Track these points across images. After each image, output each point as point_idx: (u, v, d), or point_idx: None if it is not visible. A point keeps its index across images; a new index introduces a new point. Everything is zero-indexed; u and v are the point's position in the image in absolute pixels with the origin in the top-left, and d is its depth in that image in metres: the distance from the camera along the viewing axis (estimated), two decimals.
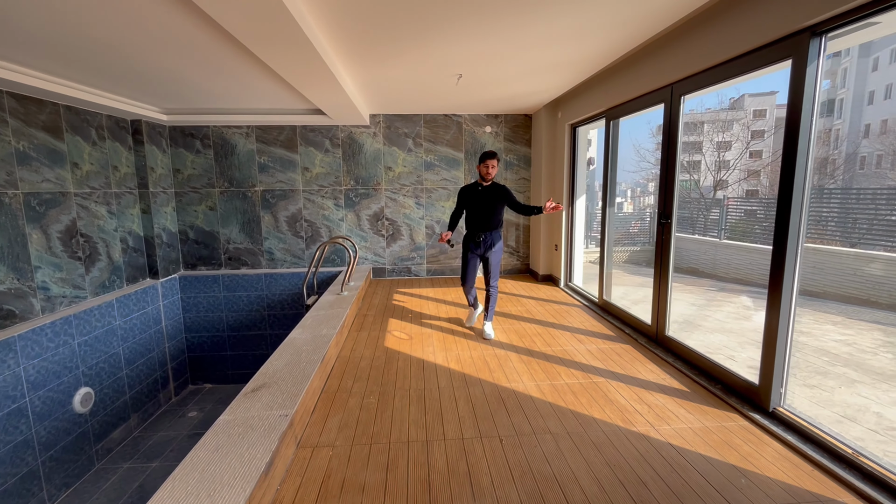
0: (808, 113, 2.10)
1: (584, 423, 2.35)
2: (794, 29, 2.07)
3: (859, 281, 6.18)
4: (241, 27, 2.38)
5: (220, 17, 2.24)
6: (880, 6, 1.78)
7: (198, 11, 2.44)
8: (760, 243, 9.01)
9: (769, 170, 23.98)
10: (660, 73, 3.16)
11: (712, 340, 4.35)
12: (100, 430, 4.35)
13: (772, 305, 2.32)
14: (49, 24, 2.61)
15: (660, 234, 3.33)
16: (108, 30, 2.72)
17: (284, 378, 2.52)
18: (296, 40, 2.59)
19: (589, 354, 3.30)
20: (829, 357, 3.87)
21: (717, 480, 1.88)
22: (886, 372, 3.61)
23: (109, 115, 4.74)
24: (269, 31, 2.44)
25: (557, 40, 3.13)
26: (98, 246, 4.56)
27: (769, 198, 21.33)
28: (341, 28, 2.85)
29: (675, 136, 3.14)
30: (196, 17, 2.52)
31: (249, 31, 2.44)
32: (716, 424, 2.32)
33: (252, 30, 2.43)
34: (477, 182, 3.75)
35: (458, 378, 2.94)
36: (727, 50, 2.51)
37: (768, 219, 10.97)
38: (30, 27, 2.65)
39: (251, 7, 2.11)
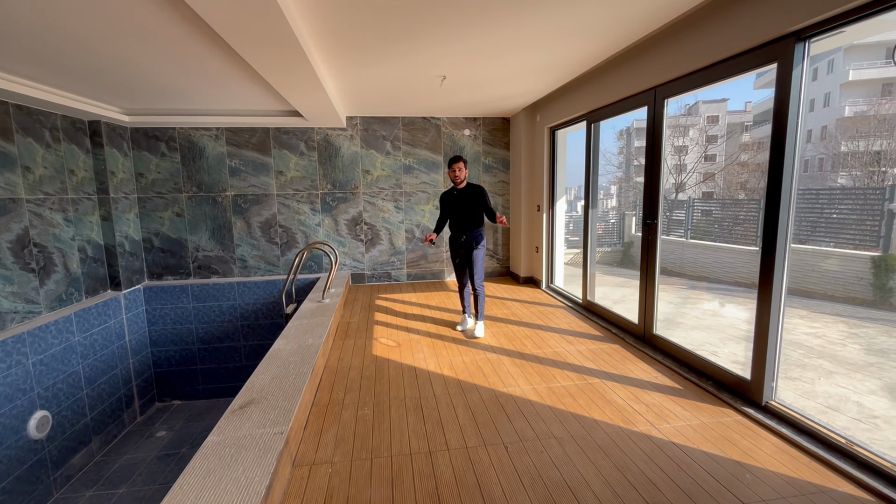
0: (794, 115, 2.17)
1: (586, 426, 2.34)
2: (780, 34, 2.14)
3: (817, 276, 6.55)
4: (226, 23, 2.24)
5: (204, 12, 2.10)
6: (862, 13, 1.86)
7: (172, 4, 2.29)
8: (721, 242, 9.42)
9: (725, 172, 25.29)
10: (643, 76, 3.22)
11: (694, 337, 4.48)
12: (58, 456, 4.00)
13: (762, 303, 2.38)
14: None
15: (646, 235, 3.39)
16: (63, 18, 2.44)
17: (274, 393, 2.38)
18: (282, 38, 2.46)
19: (580, 355, 3.30)
20: (804, 350, 4.08)
21: (723, 477, 1.90)
22: (857, 362, 3.83)
23: (65, 116, 4.41)
24: (254, 27, 2.31)
25: (542, 43, 3.13)
26: (53, 256, 4.22)
27: (725, 199, 22.40)
28: (327, 27, 2.74)
29: (659, 138, 3.20)
30: (168, 5, 2.32)
31: (234, 27, 2.30)
32: (713, 420, 2.35)
33: (237, 26, 2.29)
34: (452, 187, 3.90)
35: (453, 385, 2.87)
36: (712, 54, 2.58)
37: (726, 218, 11.52)
38: None
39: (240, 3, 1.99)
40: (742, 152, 27.47)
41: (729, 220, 11.39)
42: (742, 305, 6.19)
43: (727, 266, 8.57)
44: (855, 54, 21.95)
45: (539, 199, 5.44)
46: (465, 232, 3.85)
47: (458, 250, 3.93)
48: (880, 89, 22.66)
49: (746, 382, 2.50)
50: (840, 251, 6.55)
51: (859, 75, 23.33)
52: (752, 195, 22.52)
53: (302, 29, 2.70)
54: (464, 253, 3.90)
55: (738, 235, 9.85)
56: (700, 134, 27.79)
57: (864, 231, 6.46)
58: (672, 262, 10.14)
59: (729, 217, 11.71)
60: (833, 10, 1.90)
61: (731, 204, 15.42)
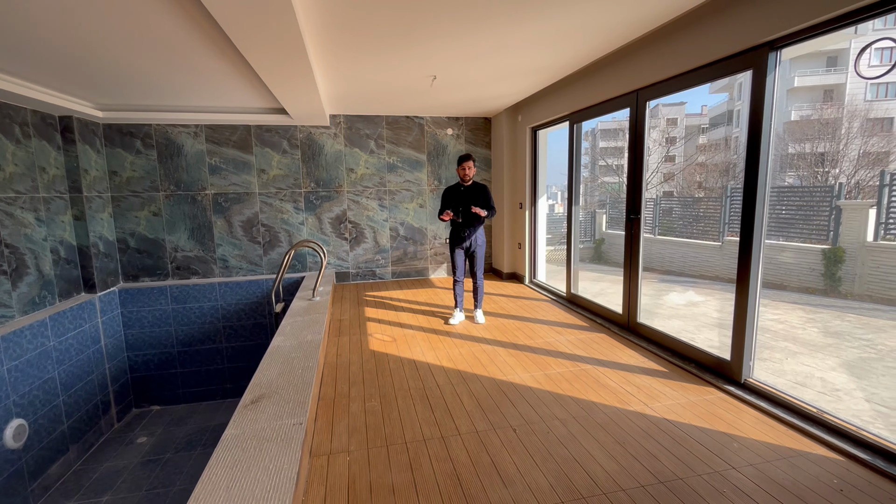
0: (768, 118, 2.39)
1: (585, 408, 2.49)
2: (756, 43, 2.36)
3: (774, 268, 7.06)
4: (232, 15, 2.22)
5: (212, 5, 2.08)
6: (830, 26, 2.09)
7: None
8: (686, 238, 9.95)
9: (684, 173, 26.54)
10: (627, 80, 3.42)
11: (672, 325, 4.78)
12: (35, 466, 3.82)
13: (740, 292, 2.60)
14: None
15: (629, 229, 3.59)
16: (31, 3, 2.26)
17: (283, 387, 2.40)
18: (286, 31, 2.44)
19: (570, 344, 3.47)
20: (770, 333, 4.44)
21: (714, 447, 2.09)
22: (817, 343, 4.21)
23: (35, 111, 4.20)
24: (258, 18, 2.28)
25: (530, 47, 3.27)
26: (26, 258, 4.02)
27: (687, 197, 23.49)
28: (326, 24, 2.77)
29: (641, 137, 3.41)
30: None
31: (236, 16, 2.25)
32: (699, 399, 2.55)
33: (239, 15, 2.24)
34: (458, 183, 4.02)
35: (454, 375, 2.96)
36: (692, 60, 2.79)
37: (687, 216, 12.15)
38: None
39: None
40: (700, 153, 28.89)
41: (691, 218, 12.03)
42: (710, 296, 6.62)
43: (692, 260, 9.06)
44: (799, 62, 23.47)
45: (521, 197, 5.61)
46: (468, 227, 4.03)
47: (458, 246, 4.11)
48: (822, 95, 24.30)
49: (726, 363, 2.73)
50: (794, 245, 7.08)
51: (803, 82, 24.91)
52: (710, 194, 23.74)
53: (304, 23, 2.70)
54: (464, 250, 4.11)
55: (700, 232, 10.43)
56: (661, 135, 29.00)
57: (815, 226, 7.01)
58: (643, 258, 10.60)
59: (691, 215, 12.37)
60: (805, 22, 2.12)
61: (692, 202, 16.21)
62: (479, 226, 4.07)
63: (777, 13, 2.22)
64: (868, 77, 21.51)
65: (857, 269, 5.87)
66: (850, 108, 19.89)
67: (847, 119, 19.00)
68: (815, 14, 2.05)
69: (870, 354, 3.93)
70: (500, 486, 1.85)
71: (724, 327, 4.83)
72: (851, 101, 20.81)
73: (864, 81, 21.92)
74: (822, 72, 24.29)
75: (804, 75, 24.93)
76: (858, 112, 19.15)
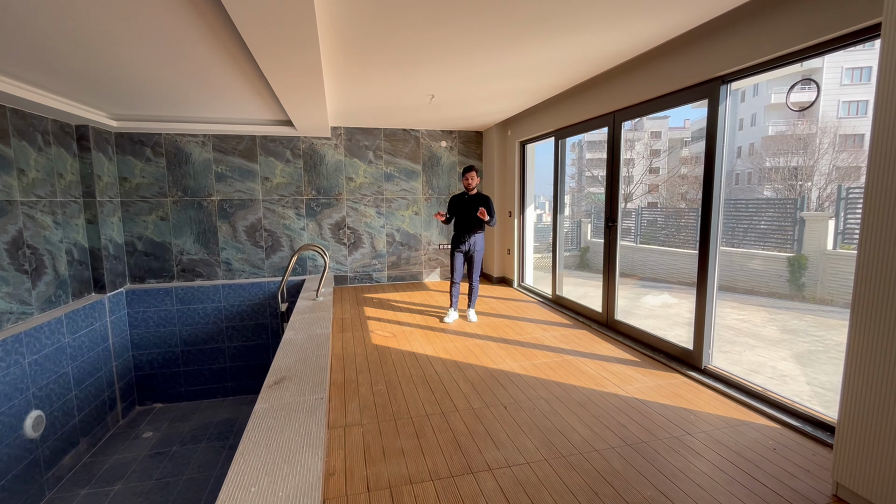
0: (721, 140, 2.81)
1: (566, 390, 2.84)
2: (709, 77, 2.78)
3: (745, 274, 7.56)
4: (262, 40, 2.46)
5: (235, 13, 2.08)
6: (771, 65, 2.51)
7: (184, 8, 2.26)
8: (666, 247, 10.46)
9: (667, 184, 27.40)
10: (604, 102, 3.84)
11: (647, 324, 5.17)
12: (50, 456, 4.03)
13: (700, 291, 3.00)
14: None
15: (607, 235, 3.99)
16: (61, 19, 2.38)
17: (302, 371, 2.71)
18: (308, 57, 2.69)
19: (555, 339, 3.83)
20: (733, 331, 4.87)
21: (674, 418, 2.45)
22: (774, 339, 4.65)
23: (55, 120, 4.47)
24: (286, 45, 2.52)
25: (521, 72, 3.67)
26: (44, 258, 4.26)
27: (668, 208, 24.23)
28: (344, 48, 3.10)
29: (617, 153, 3.82)
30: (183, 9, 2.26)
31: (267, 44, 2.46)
32: (665, 382, 2.93)
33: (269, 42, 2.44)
34: (464, 192, 4.36)
35: (451, 364, 3.30)
36: (659, 88, 3.21)
37: (668, 226, 12.71)
38: None
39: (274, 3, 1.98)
40: (682, 165, 29.83)
41: (671, 227, 12.60)
42: (685, 299, 7.07)
43: (671, 267, 9.55)
44: (776, 80, 24.58)
45: (510, 206, 6.00)
46: (469, 233, 4.40)
47: (458, 250, 4.47)
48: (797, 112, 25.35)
49: (690, 352, 3.11)
50: (763, 253, 7.59)
51: (779, 98, 25.92)
52: (691, 205, 24.58)
53: (324, 51, 3.00)
54: (464, 254, 4.47)
55: (681, 240, 10.97)
56: (645, 148, 29.89)
57: (782, 235, 7.55)
58: (625, 265, 11.10)
59: (671, 224, 12.94)
60: (745, 62, 2.54)
61: (673, 213, 16.86)
62: (479, 232, 4.42)
63: (726, 53, 2.65)
64: (794, 110, 22.61)
65: (819, 274, 6.39)
66: (823, 124, 20.90)
67: (819, 135, 19.96)
68: (757, 55, 2.47)
69: (817, 348, 4.39)
70: (493, 448, 2.19)
71: None
72: (824, 118, 21.85)
73: (836, 99, 23.04)
74: (798, 89, 25.30)
75: (781, 92, 25.98)
76: (830, 128, 20.14)
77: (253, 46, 2.57)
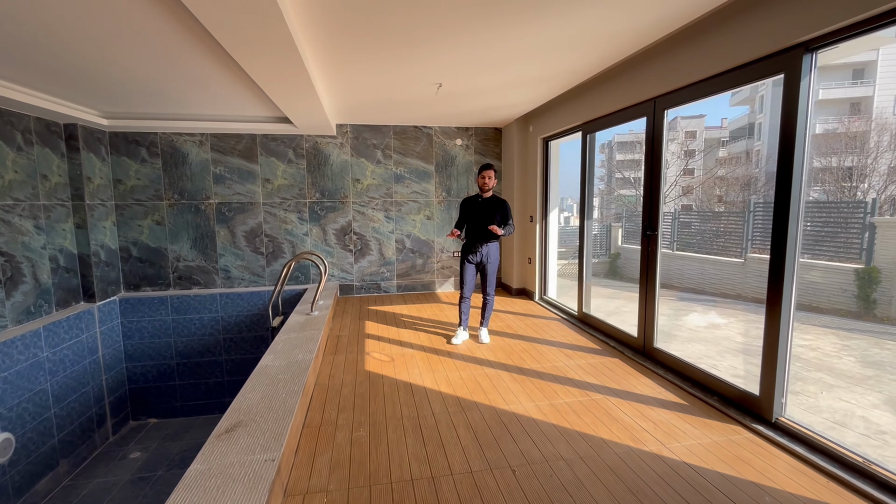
0: (802, 126, 2.15)
1: (594, 446, 2.23)
2: (788, 44, 2.13)
3: (802, 287, 6.65)
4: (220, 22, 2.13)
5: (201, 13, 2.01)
6: (870, 26, 1.86)
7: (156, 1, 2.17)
8: (706, 254, 9.54)
9: (704, 186, 25.95)
10: (643, 87, 3.20)
11: (692, 350, 4.42)
12: (21, 481, 3.70)
13: (771, 317, 2.33)
14: None
15: (645, 246, 3.34)
16: (39, 13, 2.29)
17: (263, 414, 2.21)
18: (278, 39, 2.36)
19: (580, 370, 3.21)
20: (801, 362, 4.09)
21: (742, 500, 1.81)
22: (855, 375, 3.85)
23: (38, 118, 4.18)
24: (249, 26, 2.19)
25: (540, 53, 3.09)
26: (22, 266, 3.96)
27: (707, 211, 22.92)
28: (324, 30, 2.65)
29: (659, 148, 3.18)
30: (157, 3, 2.21)
31: (228, 26, 2.18)
32: (723, 438, 2.28)
33: (230, 25, 2.17)
34: (478, 194, 3.85)
35: (452, 402, 2.74)
36: (715, 65, 2.56)
37: (706, 231, 11.71)
38: None
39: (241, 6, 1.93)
40: (719, 167, 28.28)
41: (711, 233, 11.60)
42: (733, 317, 6.22)
43: (713, 277, 8.67)
44: (824, 74, 22.88)
45: (532, 210, 5.39)
46: (481, 242, 3.79)
47: (471, 260, 3.87)
48: (848, 108, 23.57)
49: (754, 398, 2.44)
50: (823, 263, 6.67)
51: (829, 94, 24.21)
52: (731, 208, 23.15)
53: (298, 31, 2.60)
54: (476, 265, 3.89)
55: (721, 247, 10.01)
56: (680, 148, 28.50)
57: (844, 243, 6.61)
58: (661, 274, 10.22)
59: (711, 229, 11.93)
60: (841, 21, 1.89)
61: (712, 216, 15.72)
62: (493, 241, 3.84)
63: (814, 11, 1.99)
64: None
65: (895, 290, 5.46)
66: (880, 121, 19.19)
67: (876, 132, 18.31)
68: (857, 10, 1.81)
69: None
70: None
71: (750, 354, 4.41)
72: (880, 115, 20.08)
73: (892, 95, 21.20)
74: (849, 84, 23.59)
75: (829, 87, 24.25)
76: (888, 125, 18.45)
77: (204, 19, 2.12)
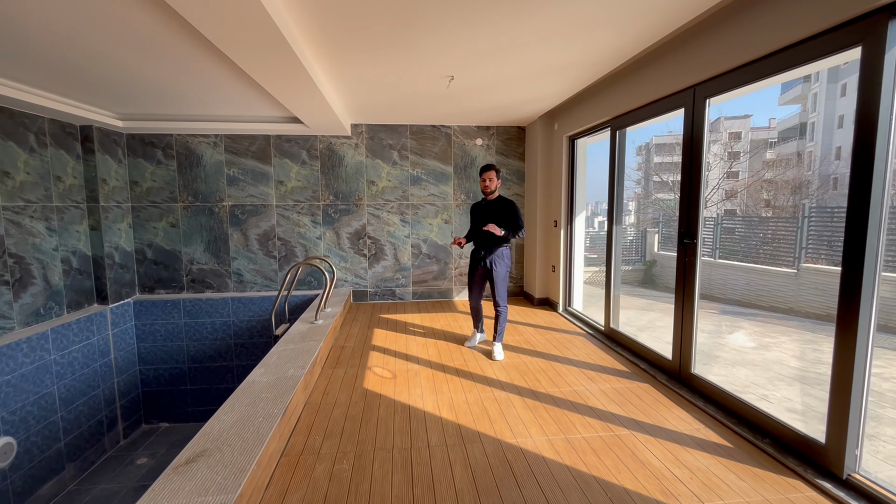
0: (886, 112, 1.71)
1: (616, 497, 1.85)
2: (869, 8, 1.70)
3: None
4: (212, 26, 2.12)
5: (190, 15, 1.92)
6: None
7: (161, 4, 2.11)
8: (753, 262, 8.76)
9: (750, 189, 24.42)
10: (680, 73, 2.79)
11: (737, 376, 3.82)
12: (22, 486, 3.65)
13: (842, 343, 1.88)
14: None
15: (682, 256, 2.91)
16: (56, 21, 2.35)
17: (233, 441, 1.97)
18: (272, 41, 2.35)
19: (604, 397, 2.81)
20: (875, 396, 3.47)
21: None
22: None
23: (53, 120, 4.18)
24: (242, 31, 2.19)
25: (562, 35, 2.73)
26: (32, 268, 3.94)
27: (753, 216, 21.52)
28: (320, 26, 2.48)
29: (699, 145, 2.75)
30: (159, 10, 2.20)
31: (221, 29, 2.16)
32: (779, 497, 1.84)
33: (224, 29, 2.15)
34: (483, 198, 3.66)
35: (451, 431, 2.41)
36: (769, 41, 2.14)
37: (753, 238, 10.80)
38: None
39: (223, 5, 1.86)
40: (767, 169, 26.61)
41: (758, 240, 10.70)
42: (785, 335, 5.51)
43: (760, 289, 7.92)
44: None
45: (556, 214, 4.99)
46: (485, 248, 3.57)
47: (476, 267, 3.67)
48: None
49: (819, 447, 1.99)
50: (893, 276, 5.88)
51: None
52: (779, 213, 21.65)
53: (293, 29, 2.47)
54: (482, 272, 3.65)
55: (770, 256, 9.18)
56: (723, 150, 27.04)
57: None
58: (701, 284, 9.50)
59: (757, 236, 11.02)
60: None
61: (759, 222, 14.61)
62: (498, 246, 3.57)
63: None
64: None
65: None
66: None
67: None
68: None
69: None
70: None
71: (808, 383, 3.77)
72: None
73: None
74: None
75: None
76: None
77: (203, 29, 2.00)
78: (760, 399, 3.27)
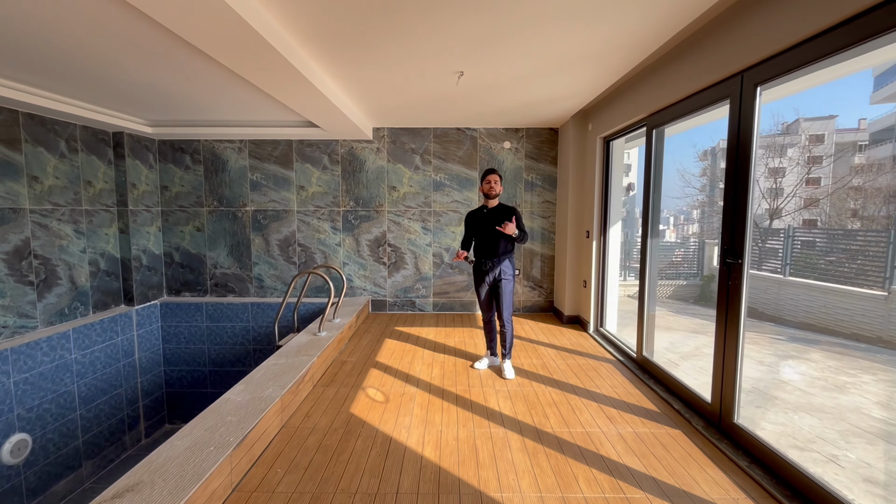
0: None
1: None
2: None
3: None
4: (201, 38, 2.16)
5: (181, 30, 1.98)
6: None
7: None
8: (831, 282, 7.63)
9: (833, 197, 21.85)
10: (724, 59, 2.31)
11: (799, 426, 3.03)
12: (36, 483, 3.74)
13: None
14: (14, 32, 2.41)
15: (724, 279, 2.40)
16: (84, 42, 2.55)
17: (170, 475, 1.76)
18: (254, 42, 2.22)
19: (621, 444, 2.36)
20: None
21: None
22: None
23: (85, 127, 4.34)
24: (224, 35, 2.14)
25: (586, 14, 2.34)
26: (57, 269, 4.08)
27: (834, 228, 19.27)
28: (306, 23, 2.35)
29: (747, 143, 2.24)
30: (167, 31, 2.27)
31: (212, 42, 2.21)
32: None
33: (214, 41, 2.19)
34: (483, 205, 3.37)
35: (429, 476, 2.08)
36: (840, 5, 1.64)
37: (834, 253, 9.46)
38: None
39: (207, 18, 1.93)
40: (855, 175, 23.81)
41: (839, 255, 9.36)
42: (869, 373, 4.52)
43: (840, 313, 6.84)
44: None
45: (589, 224, 4.51)
46: (490, 259, 3.29)
47: (481, 280, 3.38)
48: None
49: None
50: None
51: None
52: (868, 224, 19.18)
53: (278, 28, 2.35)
54: (489, 285, 3.35)
55: (854, 274, 7.95)
56: (801, 153, 24.52)
57: None
58: (764, 303, 8.43)
59: (839, 250, 9.66)
60: None
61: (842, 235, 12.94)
62: (505, 256, 3.28)
63: None
64: None
65: None
66: None
67: None
68: None
69: None
70: None
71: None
72: None
73: None
74: None
75: None
76: None
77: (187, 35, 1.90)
78: (827, 461, 2.60)
